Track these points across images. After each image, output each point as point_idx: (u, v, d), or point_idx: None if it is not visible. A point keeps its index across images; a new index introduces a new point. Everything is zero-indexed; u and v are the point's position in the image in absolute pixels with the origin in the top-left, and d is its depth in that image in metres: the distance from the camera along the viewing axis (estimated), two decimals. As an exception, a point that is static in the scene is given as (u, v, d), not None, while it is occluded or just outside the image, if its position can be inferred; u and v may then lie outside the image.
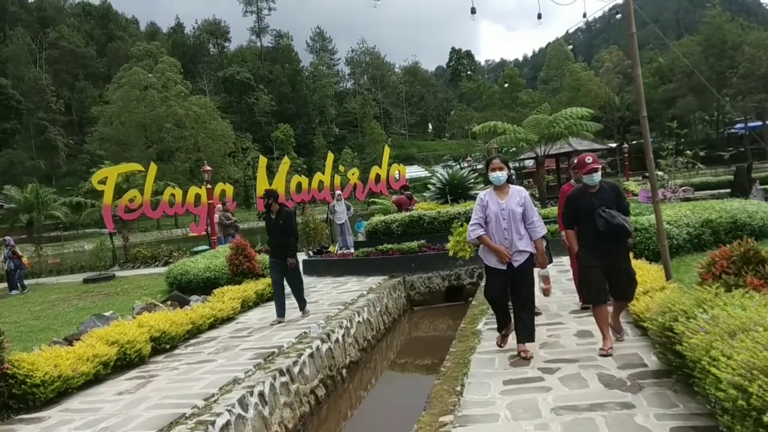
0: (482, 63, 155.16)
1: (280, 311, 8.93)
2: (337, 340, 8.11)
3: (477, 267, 12.40)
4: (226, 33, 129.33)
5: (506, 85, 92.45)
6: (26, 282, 20.29)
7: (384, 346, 10.25)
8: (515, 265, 5.62)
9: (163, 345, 7.57)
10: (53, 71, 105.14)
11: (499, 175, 5.66)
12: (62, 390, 5.94)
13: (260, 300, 10.75)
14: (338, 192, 19.68)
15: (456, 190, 16.18)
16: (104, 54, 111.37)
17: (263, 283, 10.92)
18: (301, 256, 17.11)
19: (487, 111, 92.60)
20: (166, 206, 22.21)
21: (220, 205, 20.24)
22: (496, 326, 6.56)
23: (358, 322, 9.22)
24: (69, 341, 7.28)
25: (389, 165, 24.14)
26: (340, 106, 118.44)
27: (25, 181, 79.72)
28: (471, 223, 5.75)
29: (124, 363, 6.91)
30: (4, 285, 19.34)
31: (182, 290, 12.58)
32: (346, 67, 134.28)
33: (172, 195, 22.40)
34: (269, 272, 11.35)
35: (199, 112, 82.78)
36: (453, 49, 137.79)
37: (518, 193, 5.72)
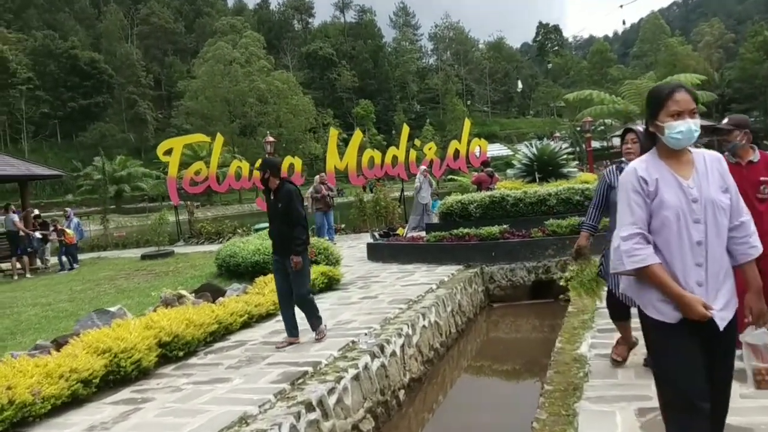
0: (570, 39, 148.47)
1: (290, 329, 6.52)
2: (393, 353, 6.38)
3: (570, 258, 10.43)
4: (311, 9, 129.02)
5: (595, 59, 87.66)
6: (89, 255, 19.57)
7: (455, 354, 8.46)
8: (719, 323, 2.67)
9: (176, 352, 6.04)
10: (144, 47, 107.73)
11: (691, 127, 2.71)
12: (17, 420, 4.46)
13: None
14: (423, 167, 17.93)
15: (545, 167, 14.05)
16: (192, 30, 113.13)
17: (315, 272, 9.30)
18: (366, 239, 15.63)
19: (574, 87, 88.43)
20: (233, 180, 21.05)
21: (318, 177, 18.42)
22: (609, 352, 4.85)
23: (423, 326, 7.45)
24: (58, 344, 5.87)
25: (469, 140, 22.14)
26: (422, 83, 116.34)
27: (115, 153, 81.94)
28: (624, 232, 2.70)
29: (117, 377, 5.40)
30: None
31: (231, 274, 11.28)
32: (429, 42, 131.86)
33: (239, 168, 21.20)
34: (323, 259, 9.78)
35: (281, 87, 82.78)
36: (540, 23, 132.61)
37: (712, 163, 2.81)
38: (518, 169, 14.65)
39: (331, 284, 9.62)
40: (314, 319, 6.54)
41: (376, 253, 12.57)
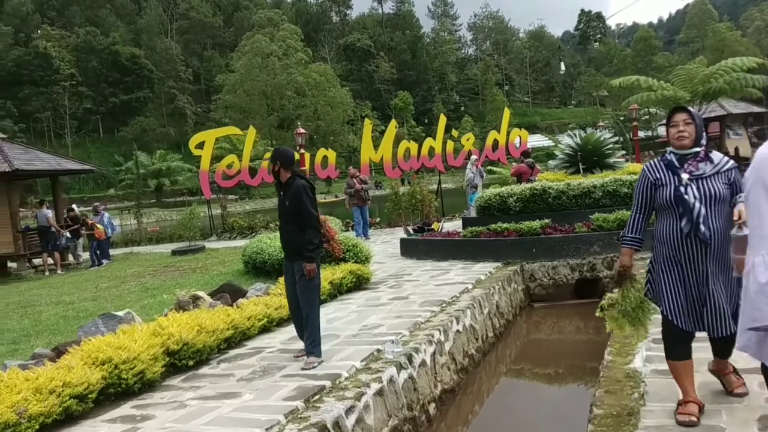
0: (613, 27, 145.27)
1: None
2: (423, 363, 5.78)
3: (617, 255, 9.69)
4: (348, 0, 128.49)
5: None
6: (122, 250, 19.39)
7: (492, 360, 7.83)
8: None
9: (185, 361, 5.54)
10: (183, 41, 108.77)
11: None
12: (-1, 443, 4.01)
13: (337, 292, 8.56)
14: (474, 157, 17.28)
15: (590, 157, 13.23)
16: (231, 24, 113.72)
17: (343, 270, 8.76)
18: (401, 233, 14.96)
19: (618, 76, 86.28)
20: (266, 173, 20.63)
21: (349, 171, 17.86)
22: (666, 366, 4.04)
23: (457, 331, 6.84)
24: (59, 352, 5.43)
25: (509, 130, 21.34)
26: (461, 73, 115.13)
27: (155, 147, 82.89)
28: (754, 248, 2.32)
29: (119, 390, 4.92)
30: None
31: (257, 272, 10.85)
32: (468, 32, 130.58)
33: (272, 161, 20.78)
34: (351, 256, 9.23)
35: (318, 79, 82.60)
36: (582, 11, 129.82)
37: None
38: (560, 160, 13.87)
39: (360, 284, 9.06)
40: (310, 344, 5.48)
41: (409, 249, 11.98)
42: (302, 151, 16.95)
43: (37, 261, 16.96)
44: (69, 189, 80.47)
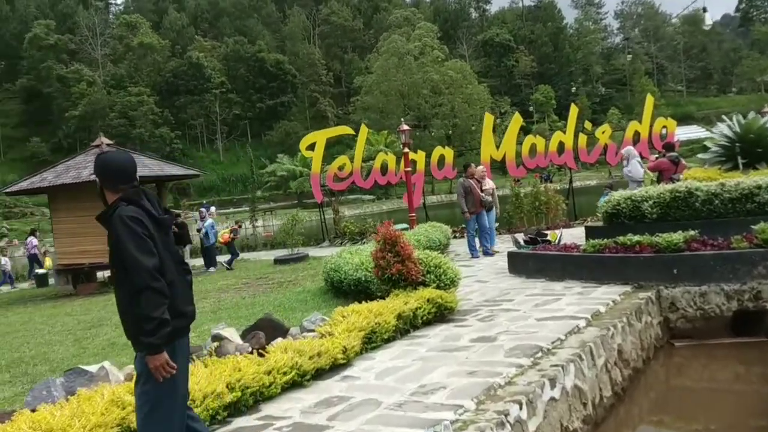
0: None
1: None
2: (484, 461, 3.95)
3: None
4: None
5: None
6: (236, 257, 18.82)
7: (611, 427, 5.77)
8: None
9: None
10: (325, 46, 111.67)
11: None
12: None
13: (408, 326, 6.81)
14: (628, 147, 14.97)
15: (753, 149, 10.55)
16: (370, 26, 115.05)
17: (418, 298, 7.01)
18: (506, 245, 12.60)
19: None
20: (378, 174, 19.27)
21: (472, 169, 15.97)
22: None
23: (552, 399, 4.91)
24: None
25: (653, 120, 18.51)
26: (607, 64, 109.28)
27: (298, 150, 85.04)
28: None
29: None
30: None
31: (336, 291, 9.42)
32: (615, 21, 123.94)
33: (385, 161, 19.38)
34: (432, 279, 7.51)
35: (455, 76, 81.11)
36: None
37: None
38: (713, 153, 11.25)
39: (442, 315, 7.26)
40: None
41: (518, 265, 9.94)
42: (406, 150, 15.36)
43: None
44: (220, 191, 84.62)
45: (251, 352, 5.63)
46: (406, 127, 15.71)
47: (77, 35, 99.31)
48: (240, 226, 19.52)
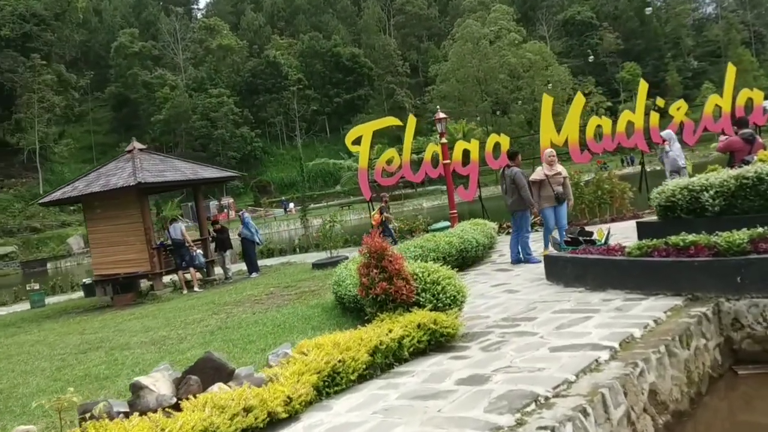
0: None
1: None
2: None
3: None
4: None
5: None
6: (280, 259, 18.12)
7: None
8: None
9: None
10: (400, 36, 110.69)
11: None
12: None
13: (392, 360, 5.57)
14: (668, 130, 13.40)
15: None
16: (446, 13, 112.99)
17: (406, 325, 5.73)
18: (536, 246, 10.96)
19: None
20: (429, 167, 17.95)
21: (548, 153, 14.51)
22: None
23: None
24: None
25: (735, 93, 16.32)
26: (699, 35, 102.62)
27: (376, 143, 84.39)
28: None
29: None
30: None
31: (344, 307, 8.31)
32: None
33: (435, 153, 18.06)
34: (428, 299, 6.28)
35: (533, 59, 78.27)
36: None
37: None
38: (799, 129, 9.36)
39: (438, 342, 5.95)
40: None
41: (554, 270, 8.43)
42: (443, 140, 13.97)
43: (174, 278, 16.11)
44: (299, 187, 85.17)
45: (175, 405, 4.61)
46: (442, 114, 14.36)
47: (160, 41, 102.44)
48: (386, 202, 18.42)
